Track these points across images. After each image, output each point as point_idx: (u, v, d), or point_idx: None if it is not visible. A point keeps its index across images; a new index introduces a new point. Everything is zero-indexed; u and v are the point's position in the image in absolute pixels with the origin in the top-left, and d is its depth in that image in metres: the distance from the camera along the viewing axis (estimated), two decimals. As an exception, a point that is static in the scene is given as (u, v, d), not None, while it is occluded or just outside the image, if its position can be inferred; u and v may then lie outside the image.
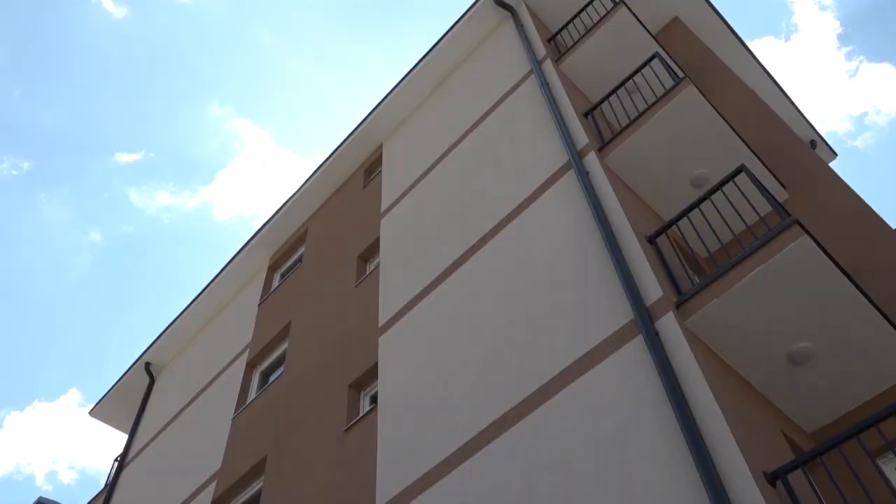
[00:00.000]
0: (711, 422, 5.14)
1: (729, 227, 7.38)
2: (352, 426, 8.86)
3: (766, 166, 8.81)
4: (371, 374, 9.42)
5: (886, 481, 4.77)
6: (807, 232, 5.93)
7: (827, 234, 7.93)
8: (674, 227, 8.02)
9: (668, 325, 6.01)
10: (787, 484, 4.80)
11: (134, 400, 16.42)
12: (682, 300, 6.23)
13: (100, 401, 16.59)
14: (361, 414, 8.98)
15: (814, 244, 5.91)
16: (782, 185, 8.97)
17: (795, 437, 6.43)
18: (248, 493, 10.31)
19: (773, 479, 4.84)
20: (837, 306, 6.19)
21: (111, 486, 14.09)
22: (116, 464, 14.87)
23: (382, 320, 9.71)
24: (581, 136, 8.64)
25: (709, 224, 7.38)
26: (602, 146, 8.57)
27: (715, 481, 4.75)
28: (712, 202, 7.17)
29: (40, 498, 25.01)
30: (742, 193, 7.17)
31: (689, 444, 5.04)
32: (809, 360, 6.39)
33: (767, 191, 6.71)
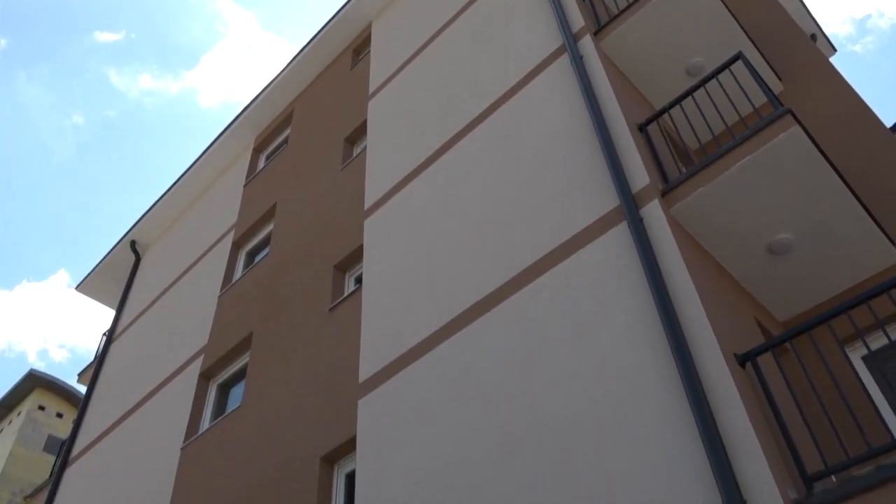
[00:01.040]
0: (688, 306, 5.25)
1: (722, 119, 7.27)
2: (336, 306, 8.99)
3: (763, 57, 8.62)
4: (356, 255, 9.48)
5: (853, 368, 4.92)
6: (799, 123, 5.86)
7: (820, 129, 7.85)
8: (666, 116, 7.92)
9: (653, 212, 6.03)
10: (757, 366, 4.96)
11: (120, 277, 16.57)
12: (668, 188, 6.22)
13: (87, 276, 16.71)
14: (346, 294, 9.11)
15: (805, 135, 5.86)
16: (779, 77, 8.81)
17: (768, 325, 6.61)
18: (235, 368, 10.58)
19: (743, 360, 4.99)
20: (823, 200, 6.21)
21: (100, 359, 14.41)
22: (105, 338, 15.15)
23: (368, 203, 9.68)
24: (577, 19, 8.36)
25: (702, 114, 7.27)
26: (598, 30, 8.32)
27: (687, 361, 4.90)
28: (707, 91, 7.04)
29: (31, 370, 25.62)
30: (738, 83, 7.03)
31: (665, 326, 5.17)
32: (789, 252, 6.48)
33: (763, 80, 6.58)
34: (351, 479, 7.45)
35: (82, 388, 20.90)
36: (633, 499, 4.79)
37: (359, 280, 9.40)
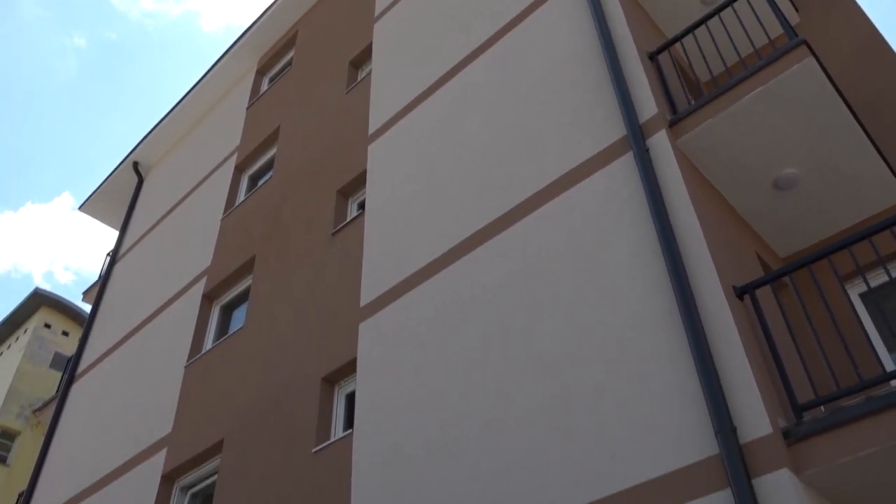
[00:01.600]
0: (690, 238, 5.25)
1: (736, 50, 7.10)
2: (339, 230, 9.01)
3: (781, -14, 8.36)
4: (360, 181, 9.44)
5: (851, 305, 4.95)
6: (814, 54, 5.73)
7: (836, 63, 7.69)
8: (678, 46, 7.74)
9: (660, 143, 5.96)
10: (755, 299, 4.99)
11: (123, 198, 16.57)
12: (676, 119, 6.13)
13: (90, 197, 16.69)
14: (349, 219, 9.11)
15: (819, 67, 5.74)
16: (795, 7, 8.58)
17: (769, 260, 6.63)
18: (238, 290, 10.68)
19: (742, 293, 5.02)
20: (832, 135, 6.13)
21: (105, 279, 14.54)
22: (109, 258, 15.25)
23: (373, 128, 9.58)
24: (591, -60, 8.07)
25: (715, 45, 7.09)
26: (613, -47, 8.04)
27: (686, 293, 4.94)
28: (721, 20, 6.86)
29: (37, 288, 25.91)
30: (753, 12, 6.85)
31: (666, 257, 5.18)
32: (794, 187, 6.44)
33: (778, 7, 6.41)
34: (351, 399, 7.62)
35: (87, 307, 21.20)
36: (627, 426, 4.90)
37: (362, 206, 9.38)
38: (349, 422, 7.45)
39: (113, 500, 9.59)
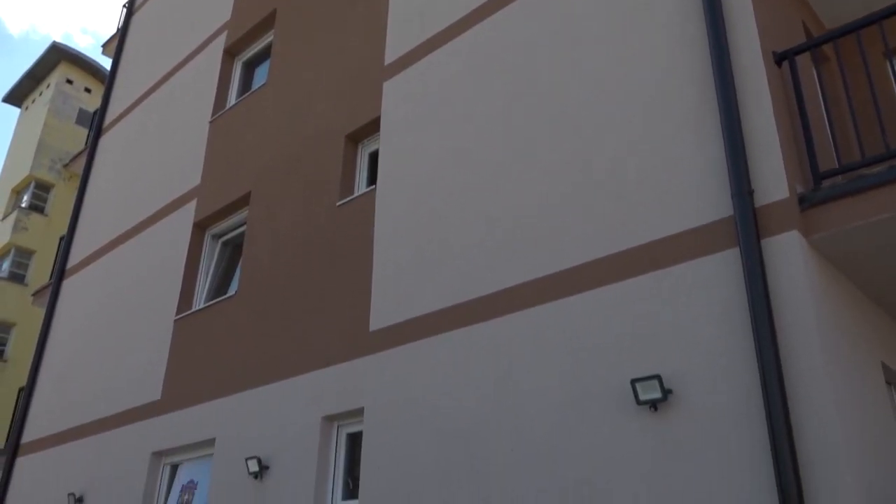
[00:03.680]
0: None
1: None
2: (363, -16, 8.57)
3: None
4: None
5: (894, 80, 4.78)
6: None
7: None
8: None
9: None
10: (793, 65, 4.83)
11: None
12: None
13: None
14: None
15: None
16: None
17: (815, 31, 6.31)
18: (259, 46, 10.46)
19: (781, 59, 4.85)
20: None
21: (123, 31, 14.22)
22: (125, 10, 14.79)
23: None
24: None
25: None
26: None
27: (724, 54, 4.77)
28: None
29: (55, 42, 25.47)
30: None
31: (707, 16, 4.95)
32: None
33: None
34: (374, 157, 7.74)
35: (108, 63, 20.95)
36: (646, 186, 4.99)
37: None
38: (372, 178, 7.63)
39: (149, 245, 10.18)
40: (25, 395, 11.32)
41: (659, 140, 5.04)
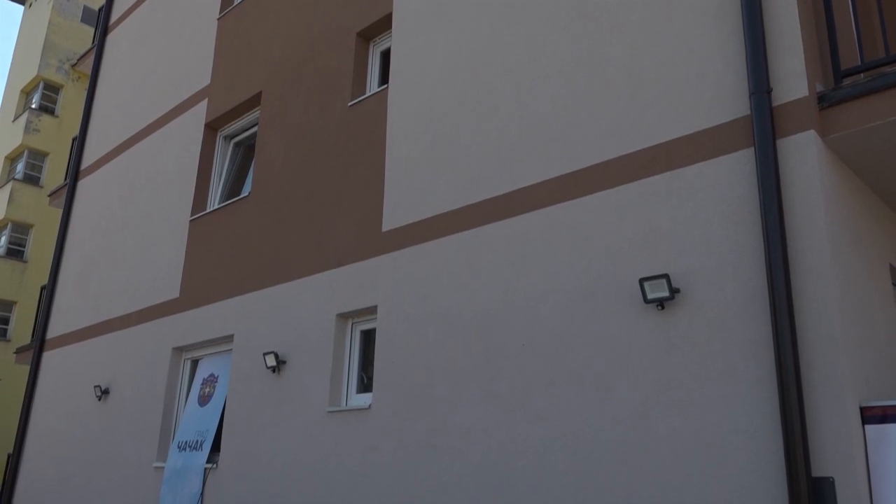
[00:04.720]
0: None
1: None
2: None
3: None
4: None
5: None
6: None
7: None
8: None
9: None
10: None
11: None
12: None
13: None
14: None
15: None
16: None
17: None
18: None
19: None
20: None
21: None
22: None
23: None
24: None
25: None
26: None
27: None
28: None
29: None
30: None
31: None
32: None
33: None
34: (386, 56, 7.60)
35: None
36: (663, 85, 4.90)
37: None
38: (384, 78, 7.52)
39: (162, 145, 10.18)
40: (48, 294, 11.63)
41: (677, 35, 4.91)
